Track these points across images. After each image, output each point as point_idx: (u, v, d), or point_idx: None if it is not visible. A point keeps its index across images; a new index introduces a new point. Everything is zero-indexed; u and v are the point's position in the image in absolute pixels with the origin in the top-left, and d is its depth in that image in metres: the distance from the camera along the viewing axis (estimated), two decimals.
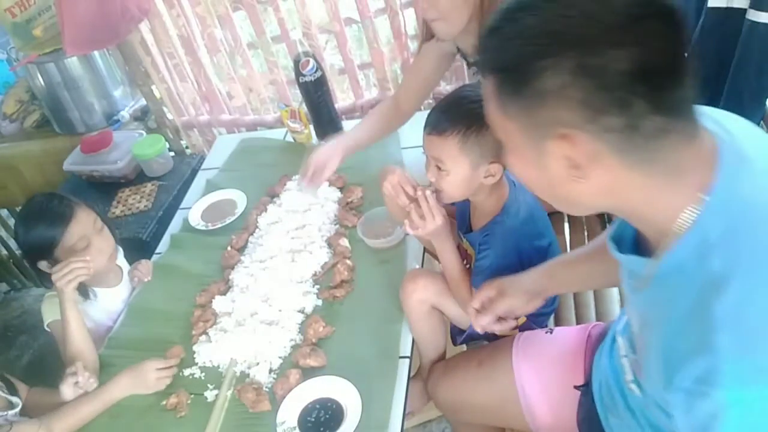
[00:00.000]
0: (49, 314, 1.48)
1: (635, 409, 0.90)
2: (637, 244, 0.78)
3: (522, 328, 1.29)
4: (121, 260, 1.65)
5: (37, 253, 1.45)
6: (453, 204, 1.35)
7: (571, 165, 0.65)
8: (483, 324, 1.14)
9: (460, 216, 1.36)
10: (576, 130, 0.62)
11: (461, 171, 1.14)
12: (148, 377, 1.30)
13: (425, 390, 1.42)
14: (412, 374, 1.33)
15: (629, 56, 0.58)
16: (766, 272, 0.62)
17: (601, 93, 0.59)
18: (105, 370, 1.40)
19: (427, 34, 1.48)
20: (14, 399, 1.34)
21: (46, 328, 1.50)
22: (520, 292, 1.12)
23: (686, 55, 0.62)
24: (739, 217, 0.64)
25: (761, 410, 0.60)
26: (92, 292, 1.53)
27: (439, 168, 1.15)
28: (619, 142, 0.62)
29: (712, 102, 1.36)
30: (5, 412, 1.30)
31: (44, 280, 1.51)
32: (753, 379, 0.60)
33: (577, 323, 1.40)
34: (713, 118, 0.70)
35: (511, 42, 0.64)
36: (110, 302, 1.59)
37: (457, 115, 1.11)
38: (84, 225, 1.46)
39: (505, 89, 0.66)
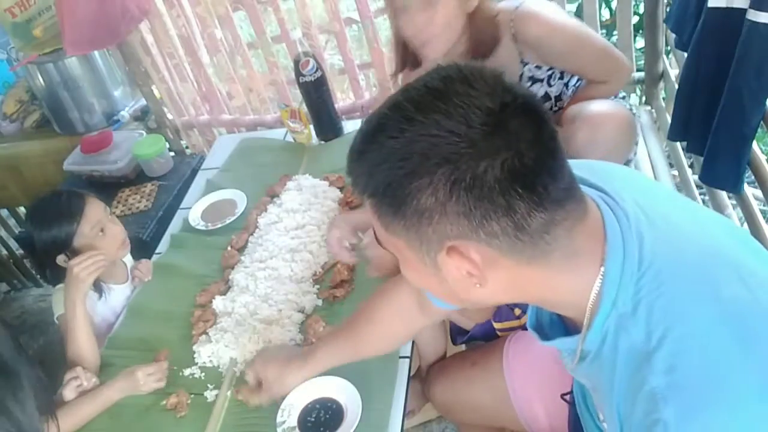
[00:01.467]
0: (59, 306, 1.48)
1: None
2: (562, 321, 0.80)
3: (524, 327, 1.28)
4: (128, 257, 1.67)
5: (56, 249, 1.47)
6: None
7: (465, 274, 0.65)
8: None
9: None
10: (464, 240, 0.62)
11: None
12: (139, 384, 1.30)
13: (423, 388, 1.42)
14: (411, 374, 1.32)
15: (500, 162, 0.58)
16: (685, 327, 0.62)
17: (481, 202, 0.59)
18: (105, 370, 1.40)
19: (401, 65, 1.47)
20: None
21: (56, 320, 1.49)
22: (291, 386, 1.15)
23: (555, 144, 0.62)
24: (641, 281, 0.64)
25: None
26: (105, 287, 1.56)
27: None
28: (510, 244, 0.62)
29: (712, 102, 1.36)
30: None
31: (55, 277, 1.51)
32: None
33: None
34: (582, 179, 0.71)
35: (379, 167, 0.63)
36: (116, 299, 1.60)
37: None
38: (96, 212, 1.50)
39: (384, 211, 0.65)
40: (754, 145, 1.35)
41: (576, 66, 1.47)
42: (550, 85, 1.51)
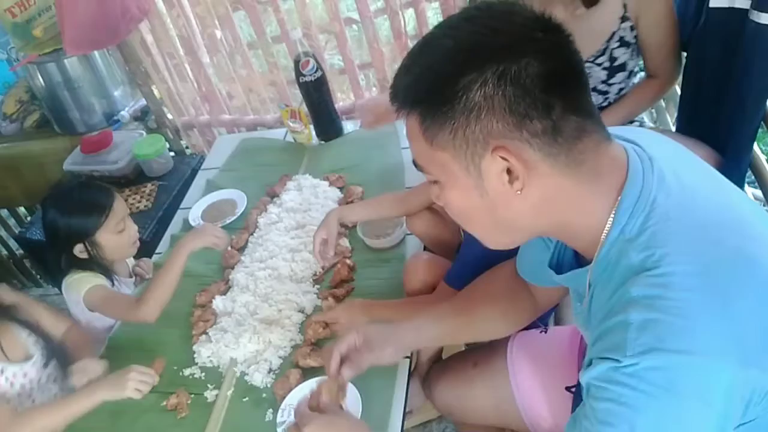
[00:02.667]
0: (74, 292, 1.48)
1: None
2: (578, 265, 0.81)
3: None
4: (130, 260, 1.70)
5: (78, 237, 1.48)
6: None
7: (510, 179, 0.68)
8: (346, 373, 1.05)
9: None
10: (507, 140, 0.66)
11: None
12: (128, 384, 1.24)
13: (422, 388, 1.42)
14: (411, 369, 1.32)
15: (539, 62, 0.64)
16: (681, 257, 0.64)
17: (524, 98, 0.64)
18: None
19: None
20: (34, 350, 1.35)
21: (82, 302, 1.47)
22: (387, 346, 1.07)
23: (582, 65, 0.69)
24: (650, 213, 0.67)
25: (656, 379, 0.62)
26: (117, 281, 1.57)
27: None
28: (547, 146, 0.66)
29: (713, 102, 1.36)
30: (21, 366, 1.32)
31: (68, 265, 1.51)
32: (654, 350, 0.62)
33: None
34: (617, 134, 0.76)
35: (429, 70, 0.68)
36: None
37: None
38: (123, 208, 1.54)
39: (432, 118, 0.68)
40: (754, 145, 1.35)
41: (652, 40, 1.43)
42: (631, 58, 1.48)
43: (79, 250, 1.48)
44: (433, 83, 0.67)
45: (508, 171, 0.67)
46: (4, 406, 1.25)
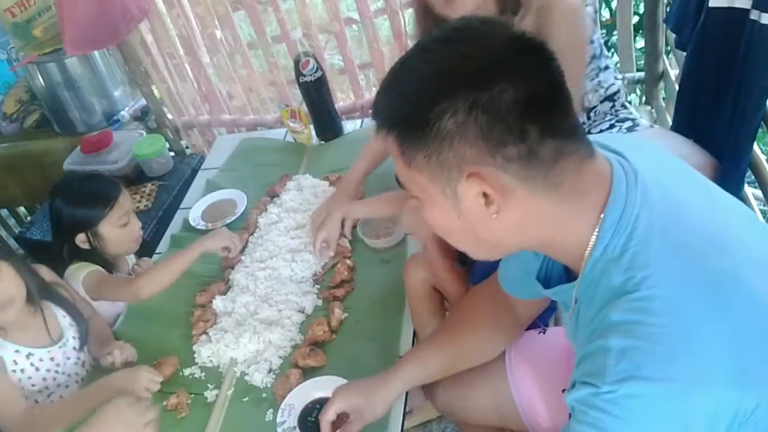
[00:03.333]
0: (74, 282, 1.49)
1: None
2: (566, 278, 0.82)
3: None
4: (131, 255, 1.71)
5: (81, 227, 1.51)
6: None
7: (486, 202, 0.68)
8: None
9: None
10: (481, 166, 0.66)
11: None
12: (140, 382, 1.24)
13: (423, 387, 1.42)
14: None
15: (514, 87, 0.63)
16: (662, 280, 0.64)
17: (497, 125, 0.63)
18: (104, 371, 1.39)
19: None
20: (68, 333, 1.36)
21: (82, 289, 1.49)
22: (374, 410, 1.05)
23: (561, 86, 0.68)
24: (632, 232, 0.67)
25: (634, 407, 0.62)
26: (116, 271, 1.60)
27: None
28: (523, 170, 0.66)
29: (713, 102, 1.36)
30: (48, 350, 1.32)
31: (71, 254, 1.53)
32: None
33: None
34: (603, 144, 0.75)
35: (404, 95, 0.69)
36: None
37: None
38: (127, 202, 1.56)
39: (408, 141, 0.68)
40: (754, 145, 1.35)
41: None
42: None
43: (81, 240, 1.51)
44: (407, 109, 0.68)
45: (485, 195, 0.67)
46: (20, 403, 1.24)
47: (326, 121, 1.94)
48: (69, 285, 1.47)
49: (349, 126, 2.00)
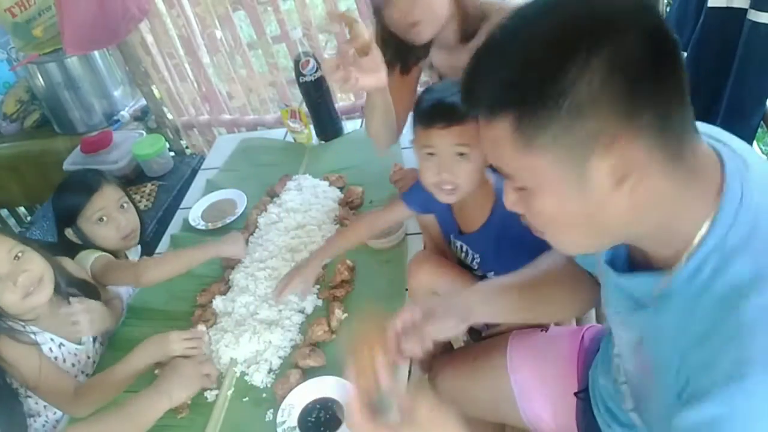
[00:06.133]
0: (84, 265, 1.51)
1: None
2: (630, 265, 0.76)
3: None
4: (135, 254, 1.72)
5: (65, 220, 1.56)
6: (432, 211, 1.33)
7: (618, 177, 0.60)
8: (408, 348, 0.96)
9: (444, 221, 1.33)
10: (617, 137, 0.58)
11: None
12: (170, 343, 1.29)
13: (427, 378, 1.41)
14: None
15: (643, 41, 0.56)
16: None
17: (635, 85, 0.57)
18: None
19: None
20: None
21: (89, 270, 1.51)
22: (451, 316, 0.98)
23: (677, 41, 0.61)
24: (756, 221, 0.61)
25: None
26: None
27: (461, 154, 1.08)
28: (656, 139, 0.59)
29: (713, 102, 1.36)
30: (76, 347, 1.37)
31: (66, 248, 1.56)
32: None
33: (577, 324, 1.40)
34: (706, 132, 0.69)
35: (523, 65, 0.59)
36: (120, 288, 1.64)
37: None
38: (107, 199, 1.57)
39: (529, 120, 0.59)
40: (754, 144, 1.35)
41: None
42: None
43: (70, 234, 1.56)
44: (528, 81, 0.58)
45: (616, 171, 0.60)
46: (70, 380, 1.31)
47: (326, 121, 1.94)
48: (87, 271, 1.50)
49: (349, 126, 2.00)
